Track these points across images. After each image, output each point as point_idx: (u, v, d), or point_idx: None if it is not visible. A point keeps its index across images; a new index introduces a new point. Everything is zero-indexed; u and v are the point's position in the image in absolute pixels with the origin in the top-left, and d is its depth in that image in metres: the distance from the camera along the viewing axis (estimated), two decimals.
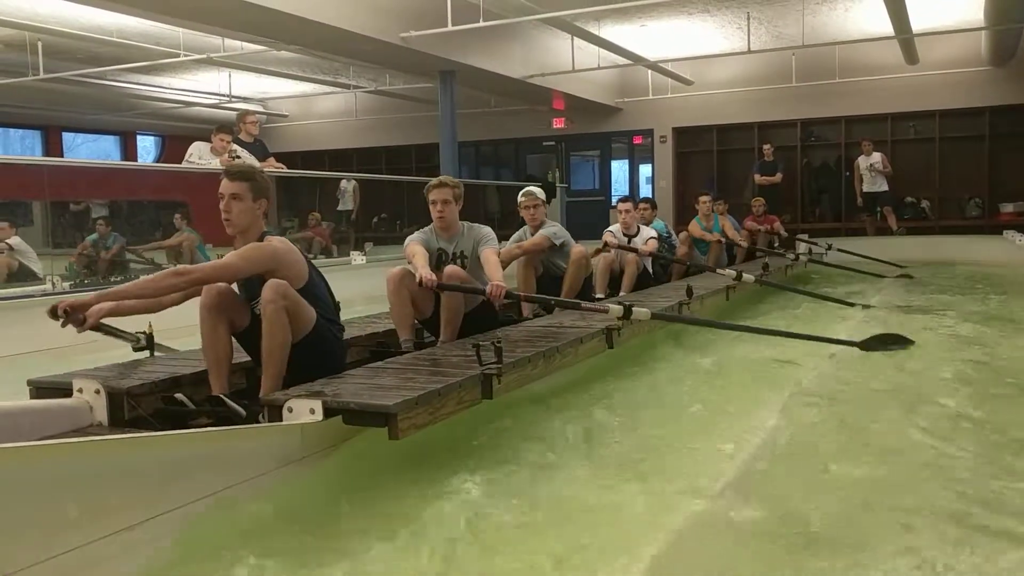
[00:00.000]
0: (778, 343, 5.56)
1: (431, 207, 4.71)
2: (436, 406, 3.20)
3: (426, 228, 4.84)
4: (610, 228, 7.62)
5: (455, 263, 4.65)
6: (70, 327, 3.39)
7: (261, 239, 3.51)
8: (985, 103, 14.46)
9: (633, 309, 4.59)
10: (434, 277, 4.21)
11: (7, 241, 7.38)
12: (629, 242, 7.40)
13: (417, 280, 4.19)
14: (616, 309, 4.59)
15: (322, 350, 3.54)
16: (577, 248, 6.06)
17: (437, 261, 4.66)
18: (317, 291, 3.61)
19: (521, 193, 6.18)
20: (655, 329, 5.42)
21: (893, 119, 15.14)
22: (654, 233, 7.72)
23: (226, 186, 3.48)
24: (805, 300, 7.87)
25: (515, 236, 6.28)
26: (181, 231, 9.04)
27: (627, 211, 7.50)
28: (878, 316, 7.13)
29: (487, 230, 4.78)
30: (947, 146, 14.97)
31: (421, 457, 3.23)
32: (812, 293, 8.24)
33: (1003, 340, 5.94)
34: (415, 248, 4.53)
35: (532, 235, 6.09)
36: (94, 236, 8.52)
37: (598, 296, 6.53)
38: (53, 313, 3.31)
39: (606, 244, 7.28)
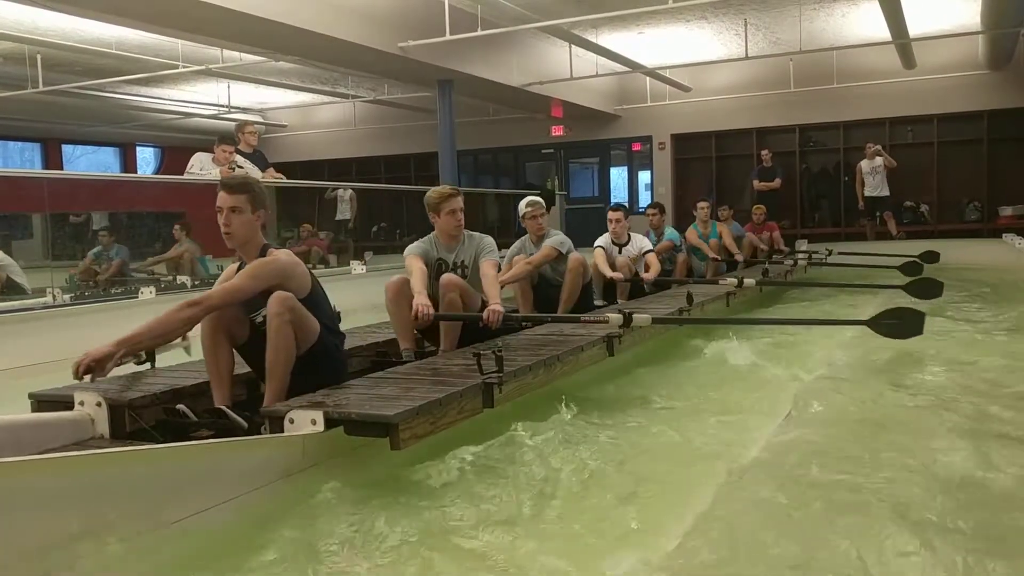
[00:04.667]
0: (780, 349, 5.56)
1: (449, 216, 4.62)
2: (437, 416, 3.20)
3: (427, 237, 4.79)
4: (599, 242, 7.29)
5: (455, 273, 4.62)
6: None
7: (263, 251, 3.48)
8: (983, 107, 14.47)
9: (634, 316, 4.60)
10: (430, 310, 4.16)
11: None
12: (620, 251, 7.19)
13: (412, 313, 4.15)
14: (616, 318, 4.59)
15: (325, 361, 3.54)
16: (575, 256, 5.94)
17: (437, 272, 4.61)
18: (319, 301, 3.58)
19: (525, 203, 6.02)
20: (656, 336, 5.42)
21: (891, 123, 15.15)
22: (648, 245, 7.42)
23: (224, 199, 3.40)
24: (809, 303, 7.89)
25: (516, 246, 6.15)
26: (181, 243, 8.99)
27: (617, 220, 7.19)
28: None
29: (489, 240, 4.75)
30: (945, 150, 14.99)
31: (423, 467, 3.23)
32: (829, 284, 8.23)
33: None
34: (414, 263, 4.46)
35: (535, 244, 6.00)
36: (98, 249, 8.50)
37: (597, 304, 6.51)
38: (76, 373, 3.06)
39: (611, 279, 6.89)
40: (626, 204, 9.06)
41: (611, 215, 7.25)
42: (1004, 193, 14.55)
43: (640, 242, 7.32)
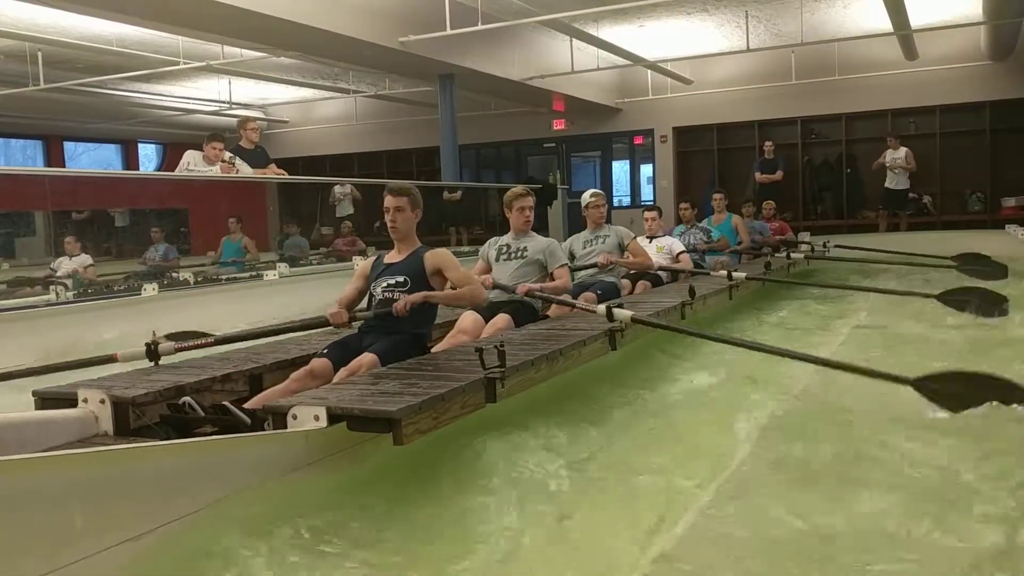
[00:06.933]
0: (789, 342, 5.54)
1: (518, 213, 5.40)
2: (440, 411, 3.20)
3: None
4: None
5: (512, 256, 5.36)
6: None
7: (419, 246, 4.30)
8: (985, 98, 14.42)
9: (614, 311, 4.64)
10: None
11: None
12: (650, 242, 7.80)
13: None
14: (601, 308, 4.75)
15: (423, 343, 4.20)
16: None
17: (497, 254, 5.44)
18: None
19: (588, 194, 6.65)
20: (659, 329, 5.40)
21: (893, 115, 15.11)
22: (679, 247, 7.97)
23: (390, 200, 4.20)
24: (810, 299, 7.87)
25: (573, 239, 6.71)
26: (235, 234, 9.31)
27: (653, 219, 8.02)
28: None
29: (555, 246, 5.48)
30: (948, 141, 14.94)
31: (426, 462, 3.23)
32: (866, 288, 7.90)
33: None
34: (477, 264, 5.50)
35: (593, 233, 6.58)
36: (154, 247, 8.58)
37: None
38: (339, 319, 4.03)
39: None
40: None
41: (647, 214, 8.19)
42: (1007, 184, 14.50)
43: (670, 244, 8.02)
